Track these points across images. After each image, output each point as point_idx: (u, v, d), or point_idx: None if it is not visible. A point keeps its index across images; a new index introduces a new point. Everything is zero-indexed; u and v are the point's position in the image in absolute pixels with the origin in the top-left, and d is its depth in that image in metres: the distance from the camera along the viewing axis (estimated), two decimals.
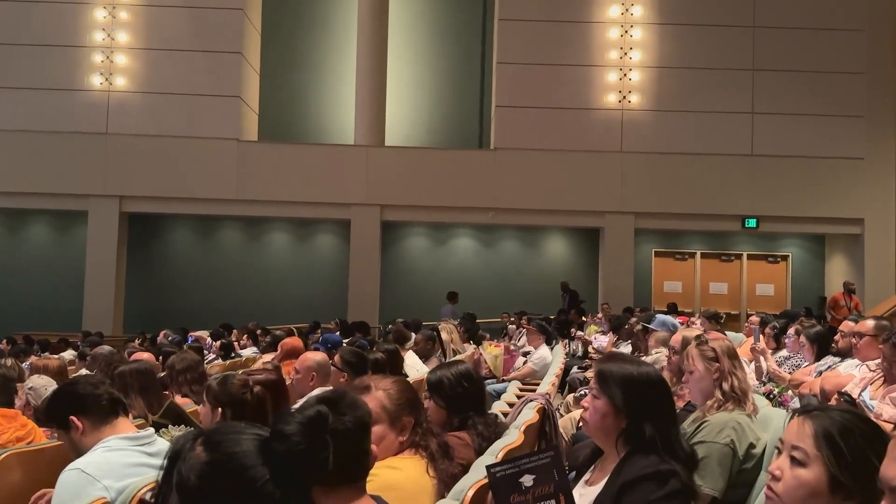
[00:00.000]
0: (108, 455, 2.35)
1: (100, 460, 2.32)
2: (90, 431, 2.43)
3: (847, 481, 1.42)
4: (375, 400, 2.26)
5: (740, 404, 2.85)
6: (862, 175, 14.28)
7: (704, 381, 2.96)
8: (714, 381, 2.92)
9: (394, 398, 2.29)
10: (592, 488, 2.14)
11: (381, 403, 2.26)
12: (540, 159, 14.35)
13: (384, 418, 2.25)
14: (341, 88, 15.76)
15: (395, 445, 2.27)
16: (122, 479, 2.26)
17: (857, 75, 14.33)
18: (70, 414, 2.44)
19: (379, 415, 2.23)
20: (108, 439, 2.40)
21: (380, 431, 2.23)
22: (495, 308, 14.10)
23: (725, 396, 2.88)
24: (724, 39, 14.40)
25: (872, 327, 4.28)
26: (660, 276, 15.43)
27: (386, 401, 2.27)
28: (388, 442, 2.25)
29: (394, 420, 2.27)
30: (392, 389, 2.31)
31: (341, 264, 14.91)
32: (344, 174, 14.43)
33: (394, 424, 2.27)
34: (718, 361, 2.93)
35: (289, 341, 5.65)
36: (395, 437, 2.27)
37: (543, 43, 14.48)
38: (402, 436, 2.28)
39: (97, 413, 2.45)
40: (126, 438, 2.44)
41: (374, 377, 2.44)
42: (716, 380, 2.92)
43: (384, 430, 2.25)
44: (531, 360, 7.47)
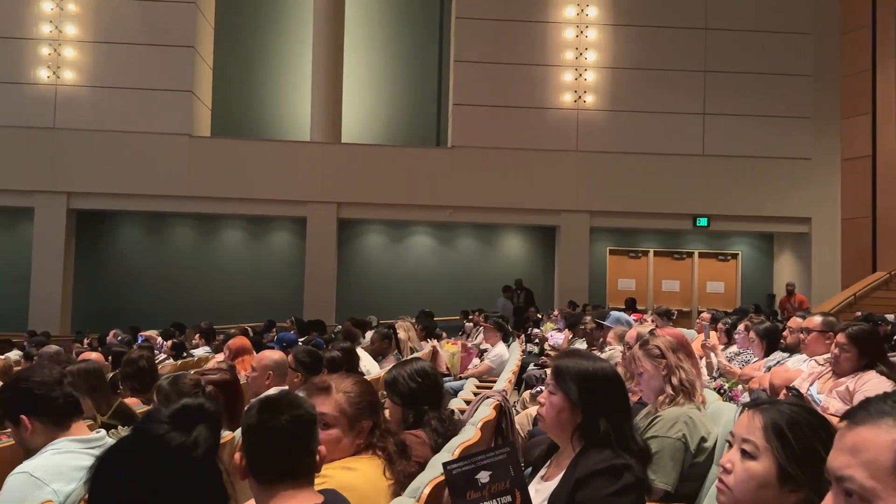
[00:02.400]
0: (57, 458, 2.29)
1: (49, 464, 2.27)
2: (40, 432, 2.36)
3: (795, 472, 1.45)
4: (334, 403, 2.24)
5: (691, 397, 2.90)
6: (809, 175, 14.67)
7: (654, 380, 2.99)
8: (663, 377, 2.96)
9: (353, 401, 2.27)
10: (548, 483, 2.14)
11: (339, 407, 2.24)
12: (497, 158, 14.42)
13: (342, 422, 2.23)
14: (297, 84, 15.61)
15: (350, 448, 2.25)
16: (72, 483, 2.21)
17: (805, 77, 14.71)
18: (21, 413, 2.37)
19: (337, 418, 2.22)
20: (57, 441, 2.34)
21: (336, 435, 2.21)
22: (453, 306, 14.12)
23: (676, 390, 2.92)
24: (676, 41, 14.66)
25: (819, 323, 4.39)
26: (614, 273, 15.63)
27: (345, 404, 2.25)
28: (344, 444, 2.23)
29: (352, 423, 2.25)
30: (352, 392, 2.29)
31: (297, 262, 14.77)
32: (299, 171, 14.29)
33: (351, 428, 2.25)
34: (664, 357, 2.97)
35: (235, 341, 5.56)
36: (351, 440, 2.24)
37: (500, 42, 14.56)
38: (360, 438, 2.26)
39: (49, 415, 2.38)
40: (77, 441, 2.38)
41: (335, 377, 2.40)
42: (664, 376, 2.96)
43: (340, 433, 2.23)
44: (488, 358, 7.49)
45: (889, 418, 0.97)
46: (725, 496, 1.53)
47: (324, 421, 2.21)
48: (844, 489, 0.97)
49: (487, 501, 1.85)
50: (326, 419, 2.21)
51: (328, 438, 2.19)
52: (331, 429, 2.22)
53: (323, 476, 2.09)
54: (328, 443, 2.18)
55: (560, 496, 2.02)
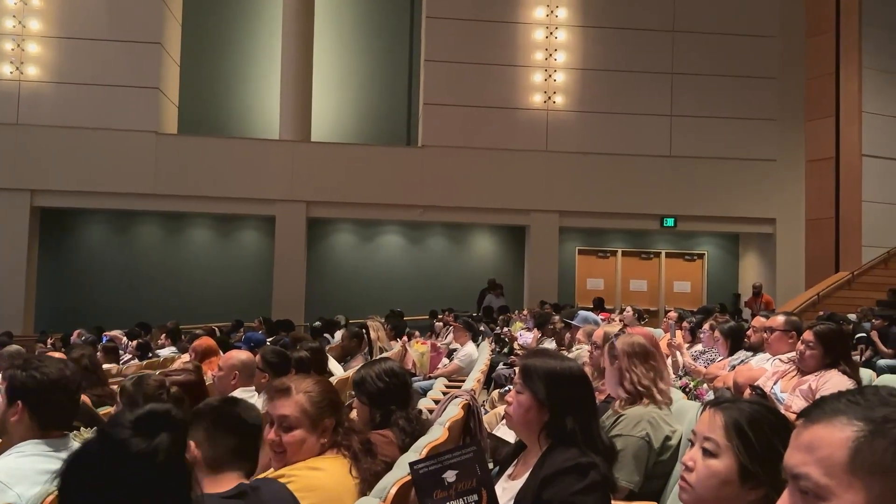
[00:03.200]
0: (21, 461, 2.26)
1: (12, 466, 2.24)
2: (25, 426, 2.32)
3: (756, 470, 1.47)
4: (295, 404, 2.23)
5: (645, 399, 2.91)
6: (774, 176, 14.91)
7: (613, 379, 3.04)
8: (618, 378, 3.00)
9: (315, 400, 2.26)
10: (515, 482, 2.15)
11: (301, 407, 2.23)
12: (467, 157, 14.44)
13: (305, 423, 2.23)
14: (266, 81, 15.47)
15: (316, 447, 2.24)
16: (35, 487, 2.18)
17: (770, 80, 14.95)
18: (22, 398, 2.32)
19: (299, 419, 2.22)
20: (22, 445, 2.30)
21: (299, 436, 2.21)
22: (423, 305, 14.12)
23: (629, 393, 2.95)
24: (644, 43, 14.80)
25: (783, 323, 4.45)
26: (583, 273, 15.75)
27: (306, 404, 2.24)
28: (309, 445, 2.23)
29: (314, 423, 2.24)
30: (313, 392, 2.28)
31: (265, 261, 14.64)
32: (268, 169, 14.17)
33: (315, 428, 2.24)
34: (618, 359, 3.00)
35: (201, 342, 5.49)
36: (315, 440, 2.24)
37: (471, 42, 14.58)
38: (324, 438, 2.25)
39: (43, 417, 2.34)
40: (41, 444, 2.34)
41: (295, 378, 2.40)
42: (619, 378, 3.00)
43: (304, 434, 2.22)
44: (457, 357, 7.51)
45: (843, 416, 0.99)
46: (687, 494, 1.55)
47: (286, 423, 2.21)
48: (800, 487, 0.99)
49: (454, 500, 1.86)
50: (289, 421, 2.22)
51: (292, 440, 2.20)
52: (294, 430, 2.22)
53: (289, 476, 2.09)
54: (292, 444, 2.19)
55: (527, 494, 2.03)
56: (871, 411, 0.98)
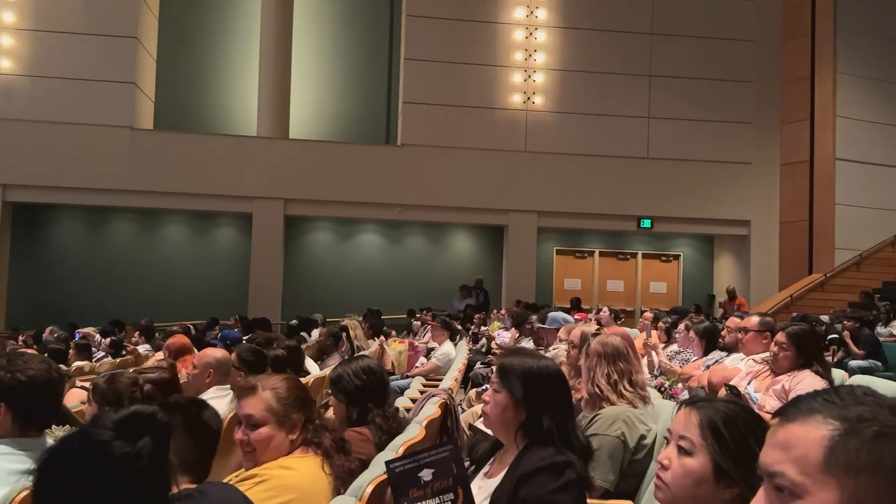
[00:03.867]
0: None
1: None
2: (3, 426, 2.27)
3: (730, 469, 1.48)
4: (261, 401, 2.23)
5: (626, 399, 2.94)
6: (749, 179, 15.07)
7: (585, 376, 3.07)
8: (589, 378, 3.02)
9: (282, 397, 2.25)
10: (491, 480, 2.15)
11: (266, 405, 2.23)
12: (446, 156, 14.44)
13: (271, 420, 2.22)
14: (244, 78, 15.35)
15: (285, 445, 2.23)
16: (5, 487, 2.13)
17: (746, 84, 15.11)
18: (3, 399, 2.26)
19: (265, 416, 2.21)
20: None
21: (266, 433, 2.20)
22: (401, 304, 14.10)
23: (590, 394, 2.97)
24: (623, 45, 14.89)
25: (757, 323, 4.50)
26: (561, 273, 15.81)
27: (273, 401, 2.24)
28: (277, 442, 2.22)
29: (282, 420, 2.23)
30: (280, 388, 2.28)
31: (242, 259, 14.53)
32: (245, 166, 14.07)
33: (282, 424, 2.23)
34: (589, 358, 3.03)
35: (175, 341, 5.42)
36: (284, 437, 2.23)
37: (451, 41, 14.58)
38: (293, 434, 2.24)
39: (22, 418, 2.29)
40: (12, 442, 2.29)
41: (262, 376, 2.40)
42: (590, 378, 3.02)
43: (272, 430, 2.22)
44: (435, 356, 7.50)
45: (819, 415, 0.99)
46: (662, 492, 1.56)
47: (252, 421, 2.21)
48: (776, 485, 0.99)
49: (430, 499, 1.85)
50: (255, 419, 2.21)
51: (259, 438, 2.20)
52: (260, 427, 2.21)
53: (261, 476, 2.07)
54: (260, 442, 2.18)
55: (503, 493, 2.03)
56: (846, 410, 0.98)
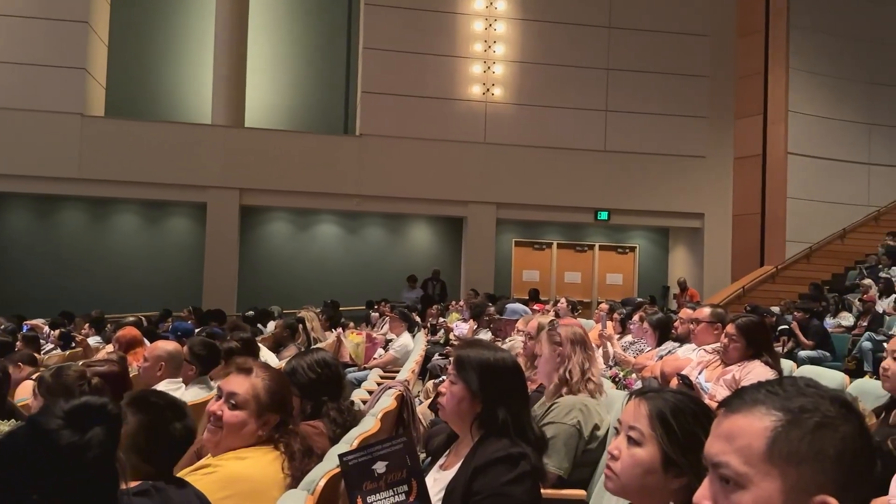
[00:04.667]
0: None
1: None
2: None
3: (678, 459, 1.50)
4: (250, 385, 2.22)
5: (585, 388, 2.99)
6: (703, 173, 15.33)
7: (549, 364, 3.09)
8: (556, 363, 3.05)
9: (270, 390, 2.24)
10: (446, 472, 2.16)
11: (254, 391, 2.22)
12: (405, 147, 14.38)
13: (251, 407, 2.21)
14: (198, 64, 15.06)
15: (251, 437, 2.21)
16: None
17: (701, 78, 15.35)
18: None
19: (247, 401, 2.20)
20: None
21: (241, 417, 2.19)
22: (359, 295, 14.03)
23: (561, 381, 3.01)
24: (581, 38, 14.99)
25: (708, 314, 4.58)
26: (519, 265, 15.91)
27: (261, 390, 2.23)
28: (246, 431, 2.20)
29: (260, 412, 2.22)
30: (272, 382, 2.27)
31: (196, 249, 14.29)
32: (200, 155, 13.81)
33: (259, 416, 2.22)
34: (562, 346, 3.06)
35: (125, 333, 5.30)
36: (254, 429, 2.21)
37: (410, 31, 14.50)
38: (262, 430, 2.23)
39: None
40: None
41: (261, 363, 2.39)
42: (557, 364, 3.05)
43: (246, 417, 2.20)
44: (393, 348, 7.49)
45: (763, 406, 1.01)
46: (612, 482, 1.57)
47: (234, 400, 2.19)
48: (720, 475, 1.01)
49: (384, 492, 1.85)
50: (237, 399, 2.20)
51: (233, 419, 2.18)
52: (238, 410, 2.19)
53: (214, 466, 2.05)
54: (231, 424, 2.16)
55: (458, 485, 2.03)
56: (788, 401, 1.00)
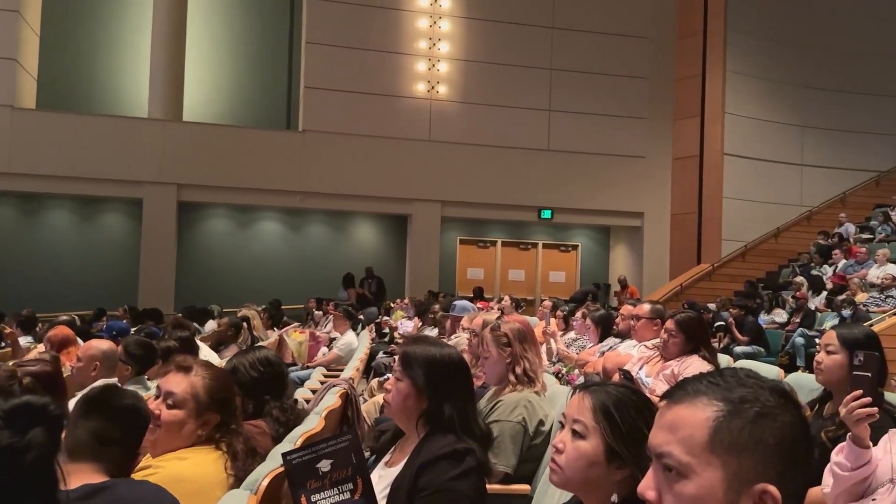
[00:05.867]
0: None
1: None
2: None
3: (622, 450, 1.52)
4: (189, 384, 2.17)
5: (531, 384, 3.02)
6: (643, 172, 15.65)
7: (498, 366, 3.10)
8: (507, 365, 3.07)
9: (210, 389, 2.19)
10: (392, 469, 2.15)
11: (193, 390, 2.17)
12: (349, 144, 14.28)
13: (190, 406, 2.16)
14: (134, 56, 14.65)
15: (191, 437, 2.17)
16: None
17: (641, 80, 15.65)
18: None
19: (185, 401, 2.15)
20: None
21: (180, 417, 2.14)
22: (302, 293, 13.87)
23: (519, 379, 3.03)
24: (525, 38, 15.12)
25: (648, 311, 4.67)
26: (464, 262, 15.97)
27: (200, 389, 2.18)
28: (185, 431, 2.16)
29: (199, 412, 2.17)
30: (212, 381, 2.22)
31: (131, 246, 13.91)
32: (136, 149, 13.45)
33: (198, 416, 2.17)
34: (511, 346, 3.07)
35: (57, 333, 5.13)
36: (193, 429, 2.17)
37: (354, 26, 14.39)
38: (202, 430, 2.18)
39: None
40: None
41: (201, 361, 2.34)
42: (508, 364, 3.06)
43: (185, 417, 2.15)
44: (337, 346, 7.42)
45: (704, 397, 1.02)
46: (557, 475, 1.59)
47: (172, 400, 2.14)
48: (664, 465, 1.02)
49: (328, 490, 1.83)
50: (175, 398, 2.15)
51: (171, 419, 2.13)
52: (176, 409, 2.14)
53: (155, 467, 2.01)
54: (169, 423, 2.11)
55: (403, 481, 2.02)
56: (729, 392, 1.02)
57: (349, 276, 14.49)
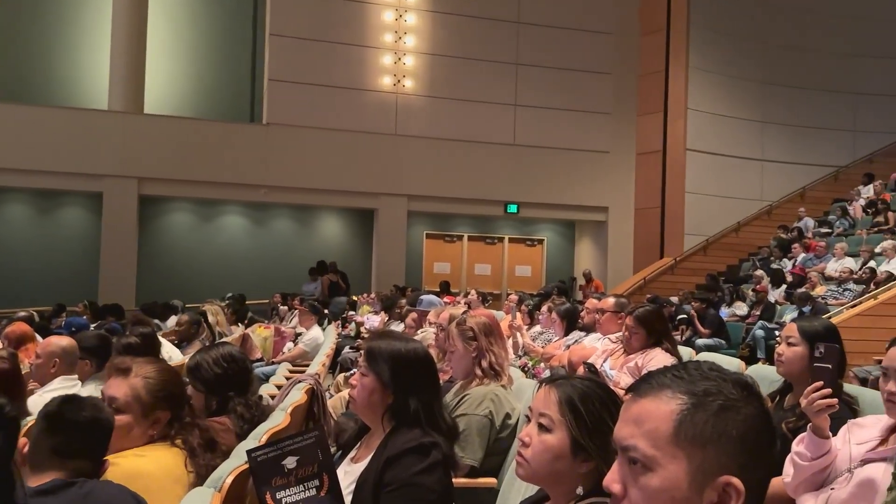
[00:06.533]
0: None
1: None
2: None
3: (587, 444, 1.53)
4: (130, 387, 2.13)
5: (498, 378, 3.03)
6: (607, 167, 15.79)
7: (464, 360, 3.10)
8: (473, 359, 3.07)
9: (152, 388, 2.16)
10: (357, 465, 2.14)
11: (135, 392, 2.13)
12: (315, 137, 14.16)
13: (135, 409, 2.13)
14: (95, 47, 14.33)
15: (142, 438, 2.14)
16: None
17: (606, 75, 15.77)
18: None
19: (129, 404, 2.12)
20: None
21: (126, 421, 2.11)
22: (266, 288, 13.73)
23: (485, 373, 3.04)
24: (491, 32, 15.13)
25: (613, 304, 4.72)
26: (430, 257, 15.97)
27: (142, 390, 2.14)
28: (134, 434, 2.13)
29: (146, 412, 2.14)
30: (153, 379, 2.18)
31: (92, 241, 13.65)
32: (95, 142, 13.19)
33: (145, 417, 2.14)
34: (476, 340, 3.08)
35: (14, 329, 5.01)
36: (143, 430, 2.14)
37: (319, 18, 14.26)
38: (153, 430, 2.15)
39: None
40: None
41: (139, 360, 2.28)
42: (474, 358, 3.07)
43: (131, 420, 2.12)
44: (302, 342, 7.38)
45: (669, 390, 1.03)
46: (523, 468, 1.59)
47: (115, 405, 2.10)
48: (629, 458, 1.02)
49: (294, 487, 1.83)
50: (117, 403, 2.11)
51: (117, 424, 2.07)
52: (121, 414, 2.10)
53: (112, 464, 1.97)
54: (116, 429, 2.07)
55: (369, 477, 2.01)
56: (693, 385, 1.03)
57: (321, 264, 14.35)
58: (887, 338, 2.28)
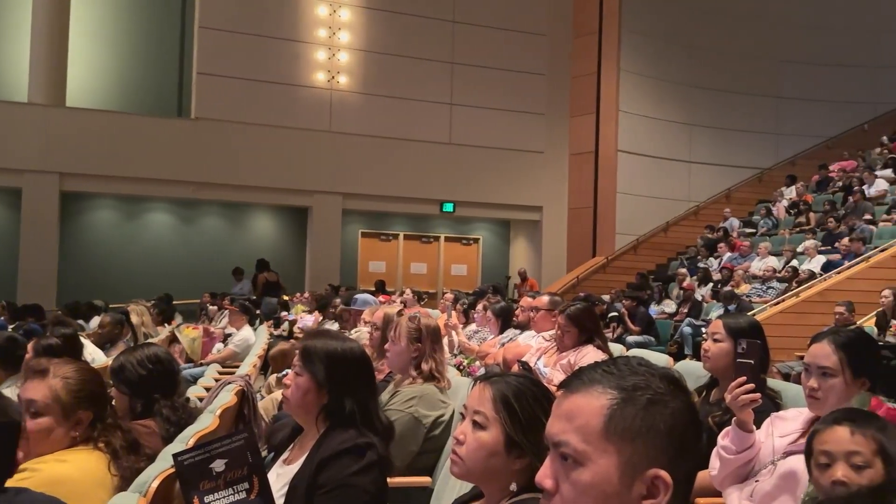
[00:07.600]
0: None
1: None
2: None
3: (521, 440, 1.54)
4: (48, 388, 2.06)
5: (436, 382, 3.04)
6: (541, 167, 15.99)
7: (403, 356, 3.10)
8: (412, 358, 3.07)
9: (71, 388, 2.09)
10: (290, 467, 2.10)
11: (54, 394, 2.06)
12: (246, 133, 13.89)
13: (55, 410, 2.05)
14: (13, 36, 13.76)
15: (65, 440, 2.06)
16: None
17: (540, 76, 15.97)
18: None
19: (49, 406, 2.05)
20: None
21: (46, 424, 2.04)
22: (195, 288, 13.40)
23: (421, 374, 3.04)
24: (426, 31, 15.14)
25: (547, 302, 4.78)
26: (366, 255, 15.87)
27: (61, 391, 2.07)
28: (56, 436, 2.05)
29: (67, 413, 2.07)
30: (72, 379, 2.11)
31: (10, 238, 13.10)
32: (14, 136, 12.67)
33: (66, 418, 2.07)
34: (422, 343, 3.08)
35: None
36: (65, 432, 2.07)
37: (250, 11, 14.00)
38: (76, 431, 2.07)
39: None
40: None
41: (56, 361, 2.21)
42: (415, 358, 3.07)
43: (52, 423, 2.05)
44: (233, 342, 7.23)
45: (599, 385, 1.04)
46: (458, 466, 1.59)
47: (33, 408, 2.04)
48: (561, 453, 1.03)
49: (223, 490, 1.79)
50: (36, 406, 2.04)
51: (37, 428, 2.03)
52: (40, 417, 2.04)
53: (32, 470, 1.91)
54: (36, 433, 2.02)
55: (302, 478, 1.98)
56: (622, 380, 1.04)
57: (261, 262, 14.01)
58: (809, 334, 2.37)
